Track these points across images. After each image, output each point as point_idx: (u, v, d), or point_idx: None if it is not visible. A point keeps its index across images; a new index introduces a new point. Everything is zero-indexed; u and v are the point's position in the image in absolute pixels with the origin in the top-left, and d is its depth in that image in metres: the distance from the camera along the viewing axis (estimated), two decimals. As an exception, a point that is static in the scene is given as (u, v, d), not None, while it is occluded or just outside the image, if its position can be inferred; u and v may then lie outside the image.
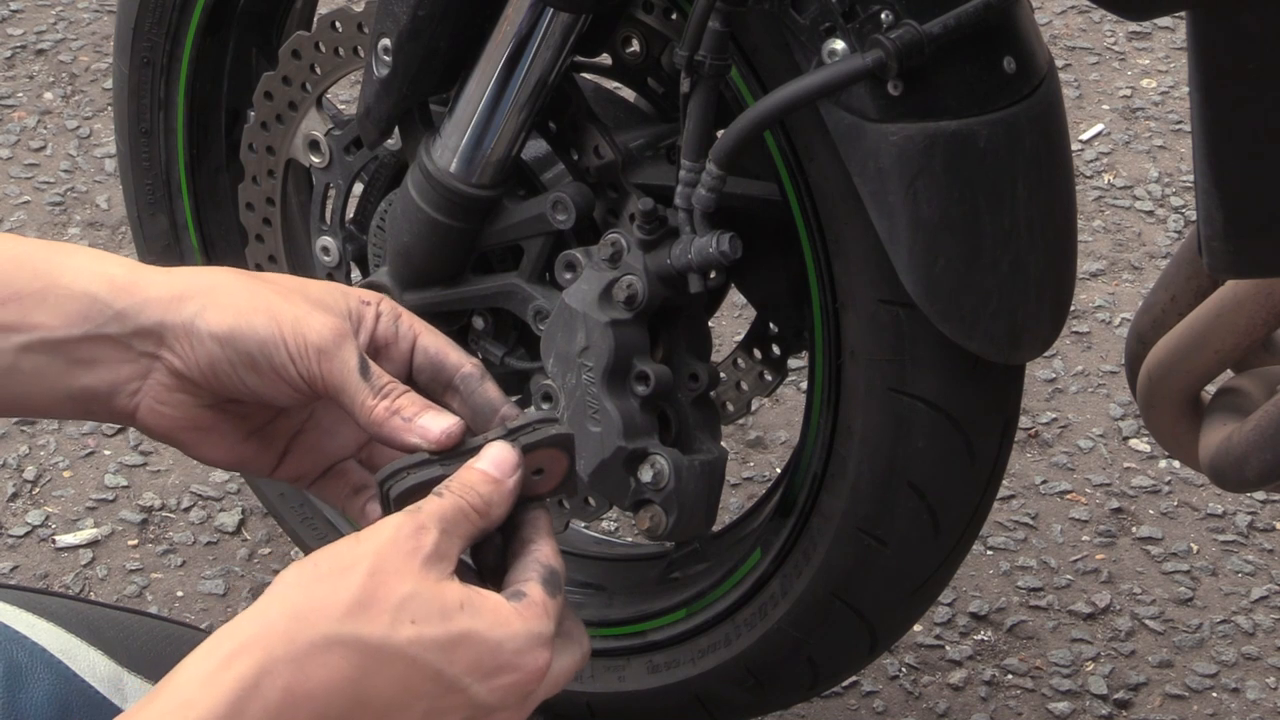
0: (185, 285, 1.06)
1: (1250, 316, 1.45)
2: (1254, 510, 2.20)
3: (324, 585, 0.94)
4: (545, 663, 0.97)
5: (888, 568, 1.62)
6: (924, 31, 1.39)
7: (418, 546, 0.95)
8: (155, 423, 1.08)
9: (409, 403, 1.03)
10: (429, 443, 1.02)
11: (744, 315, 2.43)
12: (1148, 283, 2.52)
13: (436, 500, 0.98)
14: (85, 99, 2.92)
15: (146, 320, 1.05)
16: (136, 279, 1.07)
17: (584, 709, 1.83)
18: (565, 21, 1.54)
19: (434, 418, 1.03)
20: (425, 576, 0.95)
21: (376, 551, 0.95)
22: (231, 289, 1.06)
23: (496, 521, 1.01)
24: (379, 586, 0.93)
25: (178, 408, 1.07)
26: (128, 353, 1.06)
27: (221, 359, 1.04)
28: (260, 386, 1.05)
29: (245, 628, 0.94)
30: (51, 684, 1.05)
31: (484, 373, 1.07)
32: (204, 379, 1.05)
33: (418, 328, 1.08)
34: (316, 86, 1.73)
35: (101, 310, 1.06)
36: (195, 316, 1.04)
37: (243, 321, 1.04)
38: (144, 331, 1.05)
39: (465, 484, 0.99)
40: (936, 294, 1.46)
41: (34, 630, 1.08)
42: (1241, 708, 1.98)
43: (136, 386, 1.07)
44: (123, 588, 2.12)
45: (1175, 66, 2.96)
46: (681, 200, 1.50)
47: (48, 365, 1.06)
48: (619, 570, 1.88)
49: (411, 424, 1.02)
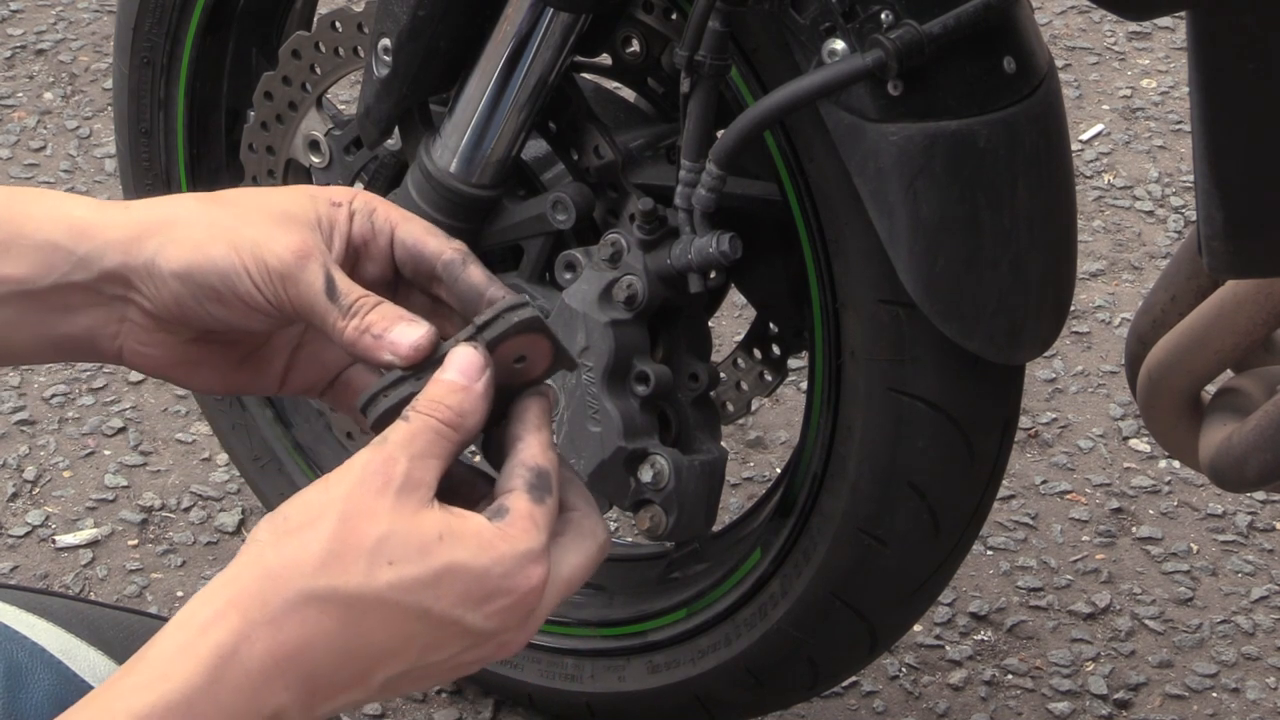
0: (142, 222, 1.01)
1: (1250, 316, 1.45)
2: (1254, 510, 2.20)
3: (294, 540, 0.90)
4: (539, 579, 0.92)
5: (888, 568, 1.62)
6: (924, 31, 1.39)
7: (387, 481, 0.90)
8: (141, 363, 1.04)
9: (379, 317, 0.98)
10: (400, 359, 0.96)
11: (744, 315, 2.43)
12: (1148, 283, 2.52)
13: (403, 426, 0.93)
14: (85, 99, 2.92)
15: (109, 263, 1.01)
16: (96, 219, 1.02)
17: (584, 709, 1.83)
18: (565, 21, 1.54)
19: (403, 329, 0.97)
20: (398, 512, 0.90)
21: (345, 496, 0.90)
22: (189, 221, 1.00)
23: (475, 429, 0.95)
24: (350, 533, 0.89)
25: (160, 346, 1.03)
26: (98, 297, 1.02)
27: (185, 296, 1.00)
28: (231, 318, 1.01)
29: (219, 593, 0.90)
30: (52, 684, 1.05)
31: (466, 256, 1.01)
32: (173, 317, 1.01)
33: (394, 218, 1.03)
34: (316, 86, 1.73)
35: (65, 257, 1.01)
36: (154, 255, 1.00)
37: (200, 255, 0.99)
38: (109, 275, 1.01)
39: (432, 400, 0.94)
40: (936, 294, 1.46)
41: (34, 630, 1.07)
42: (1241, 708, 1.98)
43: (115, 330, 1.03)
44: (123, 588, 2.12)
45: (1175, 66, 2.96)
46: (681, 200, 1.50)
47: (24, 315, 1.03)
48: (619, 570, 1.88)
49: (382, 340, 0.96)
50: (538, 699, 1.87)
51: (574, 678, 1.82)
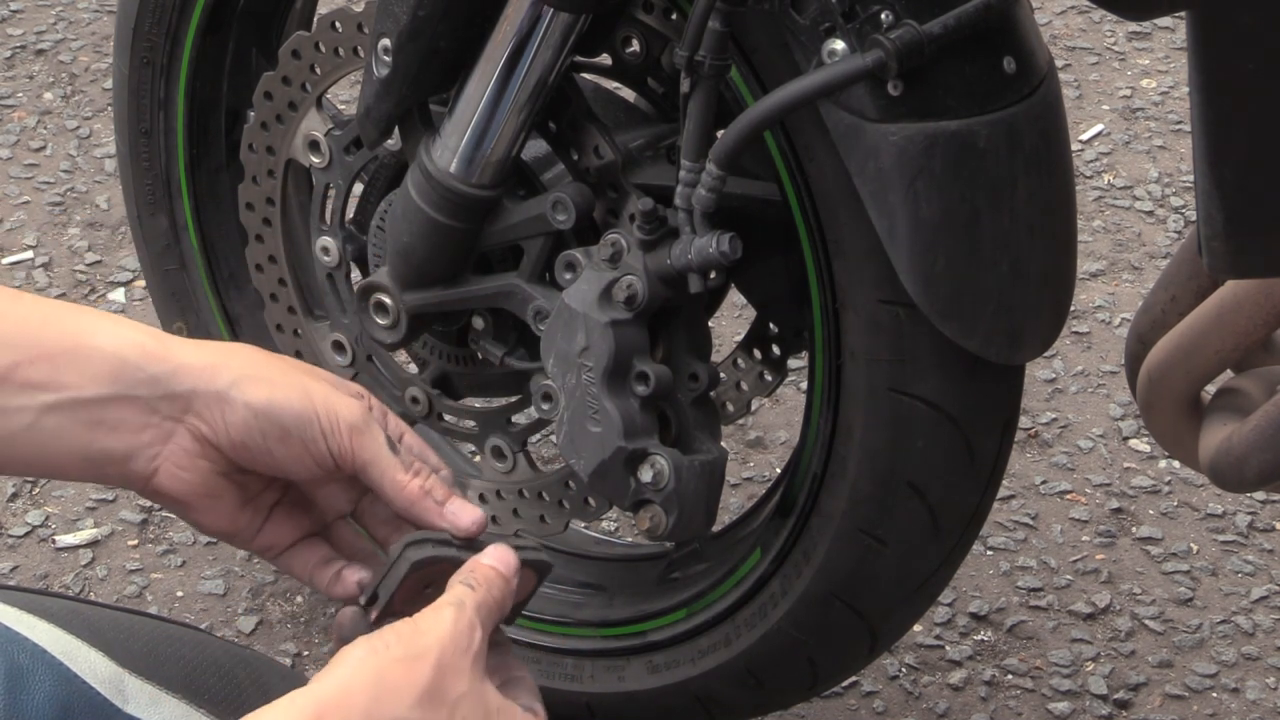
0: (217, 356, 1.11)
1: (1250, 316, 1.45)
2: (1254, 510, 2.20)
3: (399, 669, 1.00)
4: None
5: (888, 568, 1.62)
6: (924, 31, 1.39)
7: (470, 645, 1.03)
8: (171, 487, 1.11)
9: (438, 484, 1.12)
10: (458, 530, 1.11)
11: (744, 315, 2.43)
12: (1148, 283, 2.52)
13: (471, 593, 1.05)
14: (85, 99, 2.92)
15: (178, 386, 1.09)
16: (168, 346, 1.11)
17: (584, 709, 1.83)
18: (565, 21, 1.54)
19: (463, 505, 1.11)
20: (474, 676, 1.02)
21: (440, 645, 1.02)
22: (265, 364, 1.11)
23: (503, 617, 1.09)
24: (443, 680, 1.00)
25: (196, 473, 1.11)
26: (152, 416, 1.09)
27: (255, 430, 1.09)
28: (286, 458, 1.10)
29: (328, 689, 0.99)
30: (53, 685, 1.05)
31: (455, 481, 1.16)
32: (231, 448, 1.10)
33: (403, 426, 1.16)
34: (316, 86, 1.73)
35: (132, 373, 1.09)
36: (230, 386, 1.09)
37: (279, 395, 1.09)
38: (173, 396, 1.09)
39: (486, 578, 1.06)
40: (936, 294, 1.46)
41: (34, 631, 1.08)
42: (1241, 708, 1.98)
43: (156, 451, 1.10)
44: (123, 588, 2.12)
45: (1175, 66, 2.96)
46: (681, 200, 1.50)
47: (70, 425, 1.08)
48: (619, 570, 1.88)
49: (444, 508, 1.11)
50: (538, 699, 1.87)
51: (574, 678, 1.82)
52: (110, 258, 2.59)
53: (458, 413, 1.78)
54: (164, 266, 1.97)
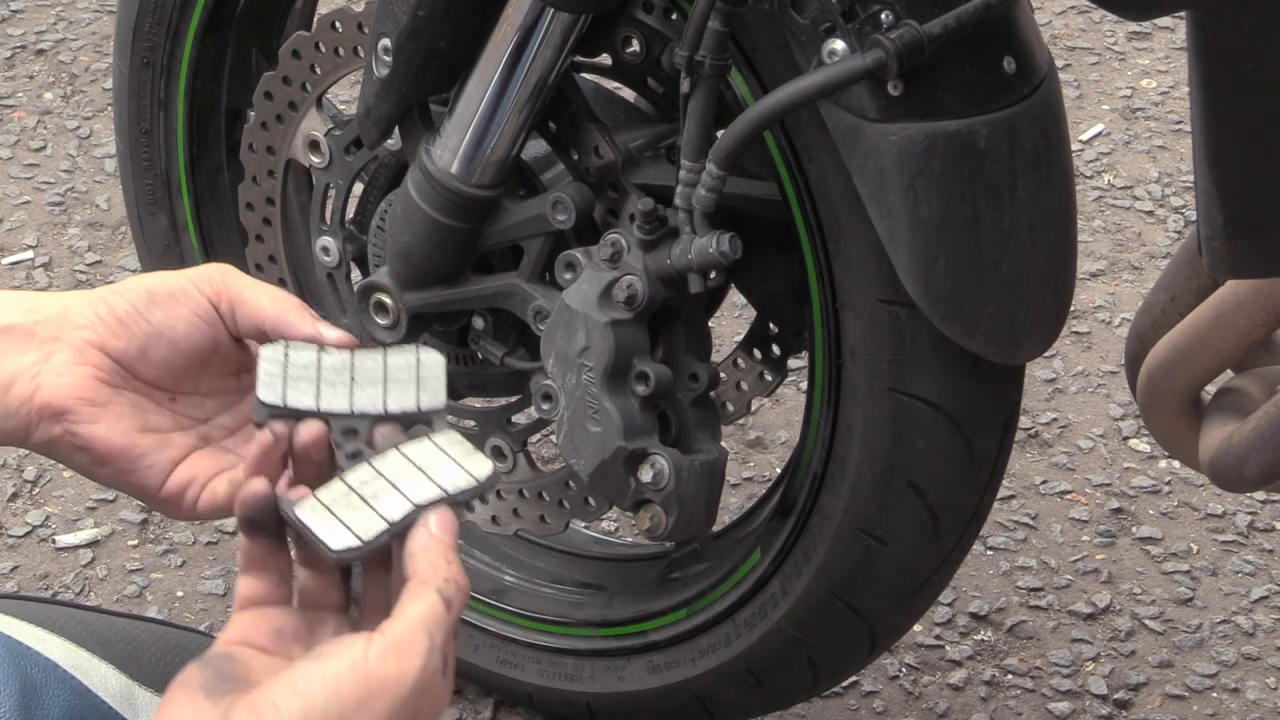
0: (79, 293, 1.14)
1: (1250, 316, 1.45)
2: (1254, 510, 2.20)
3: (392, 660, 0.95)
4: None
5: (888, 568, 1.62)
6: (924, 31, 1.39)
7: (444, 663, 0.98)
8: (51, 398, 1.09)
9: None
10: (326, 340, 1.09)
11: (744, 315, 2.43)
12: (1148, 283, 2.52)
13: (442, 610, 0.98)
14: (85, 99, 2.92)
15: (55, 305, 1.11)
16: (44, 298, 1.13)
17: (584, 709, 1.83)
18: (565, 21, 1.54)
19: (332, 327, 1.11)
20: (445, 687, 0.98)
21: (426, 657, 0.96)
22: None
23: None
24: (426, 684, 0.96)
25: (74, 377, 1.09)
26: (30, 340, 1.10)
27: (130, 305, 1.10)
28: (163, 323, 1.10)
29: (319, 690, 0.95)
30: (66, 700, 1.05)
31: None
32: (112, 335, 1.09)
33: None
34: (316, 86, 1.73)
35: (13, 306, 1.10)
36: (108, 290, 1.11)
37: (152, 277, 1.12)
38: (51, 318, 1.10)
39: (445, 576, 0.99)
40: (936, 294, 1.46)
41: (46, 646, 1.07)
42: (1241, 708, 1.98)
43: (37, 371, 1.09)
44: (123, 588, 2.12)
45: (1175, 66, 2.96)
46: (681, 200, 1.50)
47: None
48: (619, 570, 1.88)
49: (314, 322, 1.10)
50: (538, 699, 1.87)
51: (574, 678, 1.82)
52: (110, 258, 2.59)
53: (458, 412, 1.78)
54: (164, 266, 1.97)
